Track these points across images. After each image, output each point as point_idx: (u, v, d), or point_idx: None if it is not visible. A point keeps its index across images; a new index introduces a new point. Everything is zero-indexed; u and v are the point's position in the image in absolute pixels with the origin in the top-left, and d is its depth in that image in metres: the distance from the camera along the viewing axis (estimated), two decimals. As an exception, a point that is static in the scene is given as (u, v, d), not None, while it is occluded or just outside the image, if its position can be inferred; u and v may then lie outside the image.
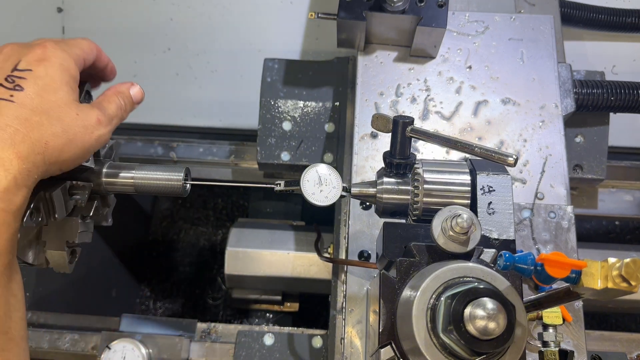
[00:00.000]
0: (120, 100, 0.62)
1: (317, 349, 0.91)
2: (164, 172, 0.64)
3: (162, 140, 1.30)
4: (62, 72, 0.55)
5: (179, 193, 0.63)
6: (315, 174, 0.63)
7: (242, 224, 1.32)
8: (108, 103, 0.60)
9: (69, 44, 0.58)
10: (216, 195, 1.94)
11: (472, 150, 0.58)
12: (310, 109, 1.04)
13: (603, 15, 1.07)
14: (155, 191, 0.64)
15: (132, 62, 1.27)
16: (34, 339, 1.05)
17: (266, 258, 1.21)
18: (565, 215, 0.80)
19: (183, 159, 1.29)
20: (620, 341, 0.99)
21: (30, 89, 0.52)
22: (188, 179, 0.64)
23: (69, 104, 0.54)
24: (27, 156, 0.49)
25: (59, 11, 1.26)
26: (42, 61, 0.54)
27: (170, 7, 1.24)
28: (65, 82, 0.55)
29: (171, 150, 1.29)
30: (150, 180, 0.63)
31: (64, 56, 0.56)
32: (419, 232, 0.61)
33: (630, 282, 0.43)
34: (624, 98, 0.92)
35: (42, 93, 0.52)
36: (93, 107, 0.57)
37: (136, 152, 1.29)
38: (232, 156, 1.28)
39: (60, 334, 1.04)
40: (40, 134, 0.50)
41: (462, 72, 0.89)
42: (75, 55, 0.58)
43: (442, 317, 0.50)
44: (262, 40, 1.24)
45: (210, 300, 1.81)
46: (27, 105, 0.51)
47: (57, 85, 0.54)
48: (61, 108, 0.53)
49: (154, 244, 1.89)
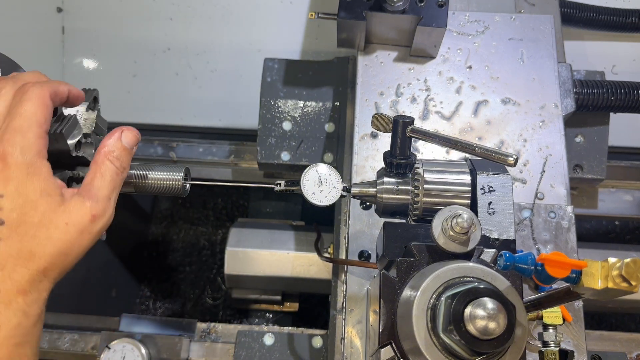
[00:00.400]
0: (114, 163, 0.54)
1: (317, 349, 0.91)
2: (164, 172, 0.63)
3: (162, 140, 1.30)
4: (34, 181, 0.49)
5: (179, 193, 0.63)
6: (315, 173, 0.63)
7: (241, 224, 1.32)
8: (101, 178, 0.53)
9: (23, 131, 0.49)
10: (216, 195, 1.94)
11: (472, 150, 0.58)
12: (310, 109, 1.04)
13: (603, 15, 1.07)
14: (154, 191, 0.63)
15: (132, 61, 1.28)
16: None
17: (266, 258, 1.21)
18: (566, 215, 0.80)
19: (183, 158, 1.29)
20: (619, 341, 1.00)
21: (10, 218, 0.48)
22: (188, 179, 0.64)
23: (54, 214, 0.49)
24: (30, 289, 0.48)
25: (59, 11, 1.26)
26: (8, 180, 0.48)
27: (170, 6, 1.24)
28: (41, 191, 0.49)
29: (171, 150, 1.29)
30: (149, 180, 0.63)
31: (28, 159, 0.49)
32: (419, 232, 0.61)
33: (630, 282, 0.43)
34: (624, 98, 0.92)
35: (23, 219, 0.48)
36: (84, 199, 0.51)
37: (136, 152, 1.29)
38: (231, 156, 1.28)
39: (60, 334, 1.04)
40: (36, 263, 0.48)
41: (462, 72, 0.89)
42: (36, 142, 0.50)
43: (442, 317, 0.50)
44: (262, 40, 1.24)
45: (210, 300, 1.81)
46: (13, 238, 0.47)
47: (33, 200, 0.48)
48: (47, 225, 0.48)
49: (154, 244, 1.89)
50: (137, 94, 1.29)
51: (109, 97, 1.29)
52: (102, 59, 1.29)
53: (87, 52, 1.29)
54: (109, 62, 1.29)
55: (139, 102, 1.29)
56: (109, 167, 0.54)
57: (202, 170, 1.31)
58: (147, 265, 1.86)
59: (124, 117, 1.29)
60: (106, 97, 1.34)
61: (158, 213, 1.93)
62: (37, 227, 0.48)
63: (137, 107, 1.29)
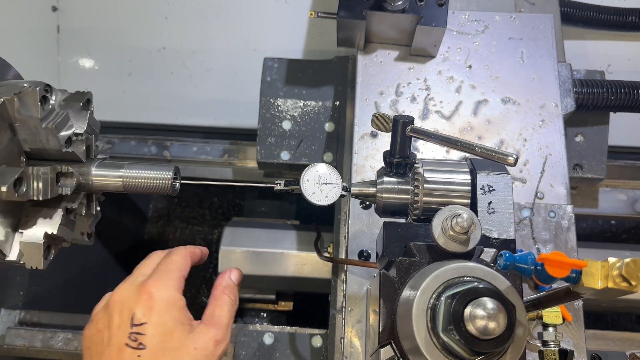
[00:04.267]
0: (230, 296, 0.64)
1: (317, 348, 0.91)
2: (153, 171, 0.63)
3: (156, 139, 1.30)
4: (172, 312, 0.57)
5: (168, 192, 0.63)
6: (315, 173, 0.63)
7: (236, 223, 1.32)
8: (220, 309, 0.62)
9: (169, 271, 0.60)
10: (212, 194, 1.94)
11: (472, 149, 0.58)
12: (310, 108, 1.04)
13: (603, 14, 1.07)
14: (144, 190, 0.63)
15: (127, 60, 1.27)
16: (27, 338, 1.05)
17: (259, 257, 1.21)
18: (565, 215, 0.80)
19: (177, 157, 1.29)
20: (613, 340, 0.99)
21: (151, 343, 0.55)
22: (177, 178, 0.64)
23: (185, 340, 0.57)
24: None
25: (54, 10, 1.26)
26: (152, 310, 0.57)
27: (165, 6, 1.24)
28: (176, 320, 0.57)
29: (165, 149, 1.29)
30: (139, 179, 0.63)
31: (169, 293, 0.58)
32: (419, 232, 0.61)
33: (630, 281, 0.43)
34: (624, 97, 0.92)
35: (161, 344, 0.56)
36: (208, 327, 0.59)
37: (130, 151, 1.29)
38: (225, 155, 1.28)
39: (53, 333, 1.04)
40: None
41: (462, 72, 0.89)
42: (177, 282, 0.60)
43: (442, 317, 0.50)
44: (257, 39, 1.24)
45: (205, 299, 1.80)
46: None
47: (171, 328, 0.57)
48: (180, 349, 0.56)
49: (150, 243, 1.89)
50: (132, 93, 1.28)
51: (104, 96, 1.29)
52: (98, 58, 1.29)
53: (83, 51, 1.28)
54: (104, 61, 1.29)
55: (135, 101, 1.29)
56: (226, 301, 0.63)
57: (196, 169, 1.31)
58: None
59: (120, 116, 1.29)
60: (101, 96, 1.34)
61: (154, 212, 1.93)
62: (172, 351, 0.56)
63: (133, 106, 1.29)
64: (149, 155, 1.29)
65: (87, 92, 0.62)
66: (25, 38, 1.26)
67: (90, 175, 0.62)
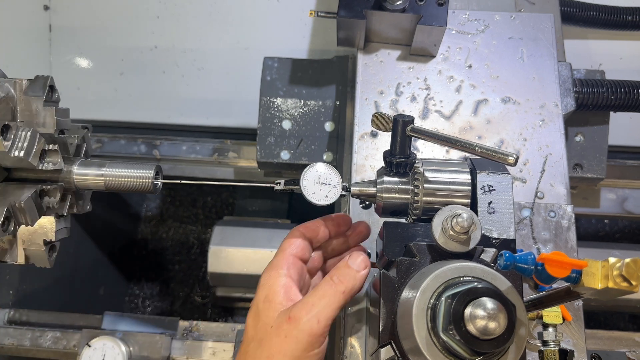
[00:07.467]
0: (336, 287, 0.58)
1: (316, 348, 0.90)
2: (134, 169, 0.62)
3: (146, 138, 1.30)
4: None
5: (149, 191, 0.62)
6: (315, 173, 0.63)
7: (226, 222, 1.32)
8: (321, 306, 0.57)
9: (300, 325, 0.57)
10: (205, 193, 1.93)
11: (473, 149, 0.57)
12: (310, 108, 1.04)
13: (603, 14, 1.07)
14: (125, 189, 0.62)
15: (119, 60, 1.27)
16: (16, 337, 1.05)
17: (249, 256, 1.21)
18: (565, 215, 0.80)
19: (166, 156, 1.29)
20: (606, 339, 0.99)
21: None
22: (159, 177, 0.63)
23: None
24: None
25: (46, 9, 1.26)
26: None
27: (156, 4, 1.24)
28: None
29: (154, 148, 1.28)
30: (120, 178, 0.62)
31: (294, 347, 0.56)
32: (419, 232, 0.61)
33: (630, 281, 0.43)
34: (624, 97, 0.92)
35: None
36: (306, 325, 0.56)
37: (119, 150, 1.29)
38: (215, 154, 1.28)
39: (42, 332, 1.04)
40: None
41: (462, 71, 0.89)
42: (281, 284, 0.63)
43: (442, 317, 0.50)
44: (249, 38, 1.24)
45: (198, 298, 1.80)
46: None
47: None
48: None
49: (143, 242, 1.89)
50: (124, 92, 1.28)
51: (96, 94, 1.29)
52: (89, 57, 1.29)
53: (74, 49, 1.28)
54: (96, 60, 1.29)
55: (126, 100, 1.28)
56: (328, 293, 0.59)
57: (186, 168, 1.31)
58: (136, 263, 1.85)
59: (111, 115, 1.29)
60: (93, 95, 1.34)
61: (147, 211, 1.93)
62: None
63: (124, 105, 1.29)
64: (138, 154, 1.28)
65: (47, 77, 0.61)
66: (17, 37, 1.25)
67: (72, 177, 0.62)
